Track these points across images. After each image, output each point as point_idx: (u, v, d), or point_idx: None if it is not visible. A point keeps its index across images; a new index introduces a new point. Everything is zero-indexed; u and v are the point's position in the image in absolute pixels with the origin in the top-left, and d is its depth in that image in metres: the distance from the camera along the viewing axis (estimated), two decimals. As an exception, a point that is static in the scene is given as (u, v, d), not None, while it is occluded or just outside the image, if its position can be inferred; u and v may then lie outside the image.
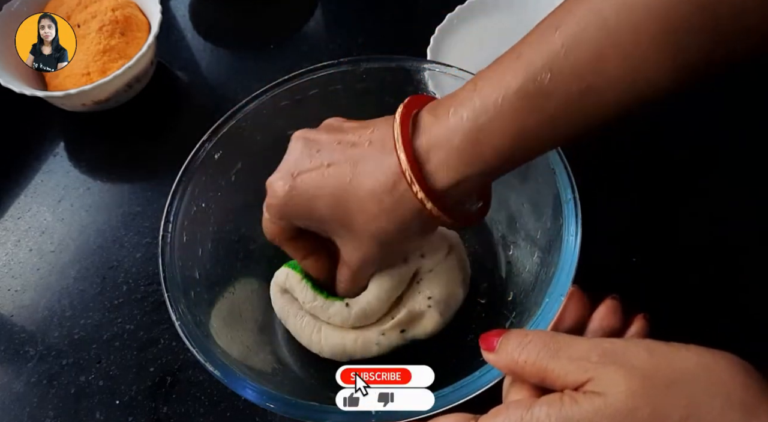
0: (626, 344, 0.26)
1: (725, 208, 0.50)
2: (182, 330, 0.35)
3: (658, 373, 0.24)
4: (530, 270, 0.40)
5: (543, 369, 0.26)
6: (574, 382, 0.25)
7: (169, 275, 0.37)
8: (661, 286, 0.47)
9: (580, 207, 0.36)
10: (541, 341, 0.27)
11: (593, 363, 0.25)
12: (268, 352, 0.42)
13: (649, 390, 0.24)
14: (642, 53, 0.26)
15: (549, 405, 0.25)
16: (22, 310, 0.51)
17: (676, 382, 0.24)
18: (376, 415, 0.32)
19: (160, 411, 0.45)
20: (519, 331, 0.28)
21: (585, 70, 0.27)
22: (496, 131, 0.29)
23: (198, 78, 0.64)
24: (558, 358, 0.26)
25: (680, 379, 0.24)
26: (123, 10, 0.59)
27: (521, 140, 0.29)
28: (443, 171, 0.31)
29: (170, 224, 0.38)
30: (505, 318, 0.40)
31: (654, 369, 0.24)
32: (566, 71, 0.27)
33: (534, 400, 0.26)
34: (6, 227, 0.55)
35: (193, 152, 0.40)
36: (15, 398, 0.46)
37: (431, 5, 0.59)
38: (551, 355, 0.26)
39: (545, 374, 0.26)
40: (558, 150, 0.37)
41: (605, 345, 0.26)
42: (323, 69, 0.43)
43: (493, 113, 0.29)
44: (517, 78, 0.28)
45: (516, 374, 0.28)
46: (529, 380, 0.27)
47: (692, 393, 0.24)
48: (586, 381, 0.25)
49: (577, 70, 0.27)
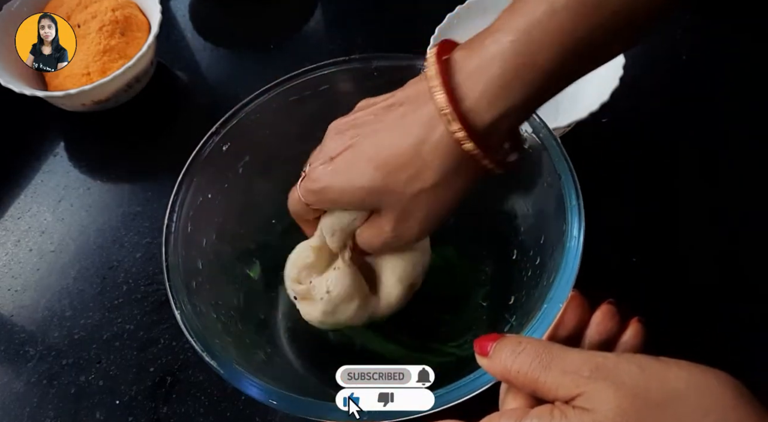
0: (618, 359, 0.25)
1: (725, 208, 0.50)
2: (182, 320, 0.34)
3: (649, 392, 0.24)
4: (532, 274, 0.40)
5: (534, 381, 0.26)
6: (565, 396, 0.25)
7: (171, 264, 0.37)
8: (661, 286, 0.47)
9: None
10: (534, 351, 0.26)
11: (585, 378, 0.25)
12: (269, 348, 0.42)
13: (639, 408, 0.24)
14: None
15: (539, 418, 0.25)
16: (22, 310, 0.51)
17: (666, 401, 0.24)
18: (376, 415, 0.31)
19: (160, 411, 0.45)
20: (513, 338, 0.28)
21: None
22: (545, 46, 0.28)
23: (198, 78, 0.64)
24: (550, 370, 0.26)
25: (671, 398, 0.24)
26: (123, 10, 0.59)
27: (571, 53, 0.28)
28: (484, 106, 0.29)
29: (175, 214, 0.38)
30: (506, 322, 0.40)
31: (645, 387, 0.24)
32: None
33: (526, 411, 0.26)
34: (6, 227, 0.55)
35: (200, 143, 0.40)
36: (15, 398, 0.46)
37: (431, 5, 0.59)
38: (543, 366, 0.26)
39: (536, 385, 0.26)
40: (565, 155, 0.37)
41: (598, 359, 0.25)
42: (334, 65, 0.42)
43: (539, 28, 0.28)
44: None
45: (509, 382, 0.28)
46: (521, 389, 0.27)
47: (682, 414, 0.23)
48: (577, 395, 0.25)
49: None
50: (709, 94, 0.57)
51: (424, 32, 0.54)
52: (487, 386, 0.31)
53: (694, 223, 0.50)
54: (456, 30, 0.56)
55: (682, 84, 0.58)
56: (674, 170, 0.53)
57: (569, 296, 0.32)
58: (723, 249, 0.48)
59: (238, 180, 0.43)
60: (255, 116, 0.42)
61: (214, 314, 0.38)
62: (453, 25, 0.55)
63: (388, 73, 0.43)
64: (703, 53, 0.59)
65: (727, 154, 0.54)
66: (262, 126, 0.43)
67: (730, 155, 0.53)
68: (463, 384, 0.31)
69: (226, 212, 0.43)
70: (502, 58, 0.28)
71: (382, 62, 0.43)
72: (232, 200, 0.43)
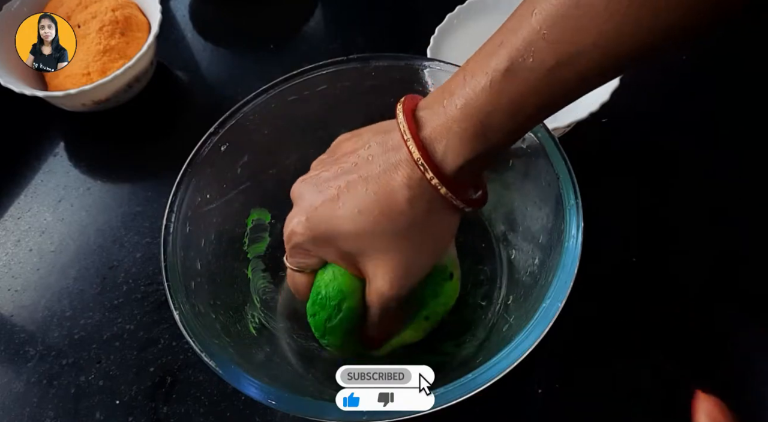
0: None
1: (725, 208, 0.50)
2: (180, 320, 0.34)
3: None
4: (530, 274, 0.40)
5: None
6: None
7: (170, 265, 0.37)
8: (661, 286, 0.47)
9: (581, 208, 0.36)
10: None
11: None
12: (268, 348, 0.42)
13: None
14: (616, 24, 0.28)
15: None
16: (22, 310, 0.51)
17: None
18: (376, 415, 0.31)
19: (160, 411, 0.45)
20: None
21: (564, 44, 0.29)
22: (491, 112, 0.31)
23: (198, 78, 0.64)
24: None
25: None
26: (123, 10, 0.59)
27: (514, 114, 0.31)
28: (450, 156, 0.33)
29: (174, 214, 0.38)
30: (505, 321, 0.40)
31: None
32: (547, 49, 0.29)
33: None
34: (6, 227, 0.55)
35: (199, 144, 0.40)
36: (15, 398, 0.46)
37: (431, 5, 0.59)
38: None
39: None
40: (563, 155, 0.37)
41: None
42: (332, 65, 0.43)
43: (484, 96, 0.31)
44: (501, 62, 0.30)
45: None
46: None
47: None
48: None
49: (556, 47, 0.29)
50: (709, 94, 0.57)
51: (424, 32, 0.54)
52: (486, 385, 0.31)
53: (693, 223, 0.50)
54: (456, 30, 0.56)
55: (682, 84, 0.58)
56: (674, 170, 0.53)
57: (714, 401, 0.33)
58: (723, 249, 0.48)
59: (237, 180, 0.43)
60: (254, 116, 0.42)
61: (213, 314, 0.38)
62: (453, 25, 0.55)
63: (387, 73, 0.43)
64: (703, 53, 0.59)
65: (727, 154, 0.54)
66: (260, 126, 0.43)
67: (730, 155, 0.53)
68: (463, 384, 0.31)
69: (225, 213, 0.43)
70: (460, 119, 0.32)
71: (381, 62, 0.43)
72: (230, 200, 0.43)
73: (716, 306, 0.46)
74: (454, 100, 0.32)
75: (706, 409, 0.32)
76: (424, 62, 0.43)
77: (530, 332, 0.32)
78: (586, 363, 0.44)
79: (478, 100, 0.31)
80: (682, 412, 0.42)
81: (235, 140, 0.42)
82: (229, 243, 0.44)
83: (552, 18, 0.29)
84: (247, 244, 0.45)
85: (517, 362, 0.31)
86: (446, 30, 0.55)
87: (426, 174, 0.33)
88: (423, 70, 0.43)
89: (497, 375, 0.31)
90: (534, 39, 0.29)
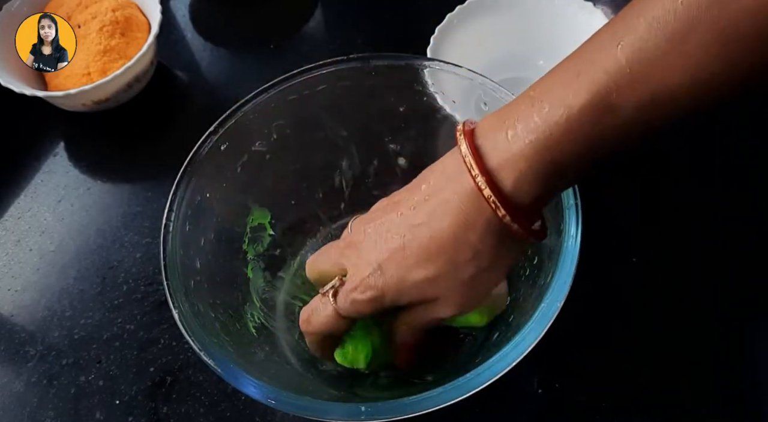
0: None
1: (725, 208, 0.50)
2: (180, 319, 0.34)
3: None
4: (529, 273, 0.40)
5: None
6: None
7: (169, 263, 0.37)
8: (661, 286, 0.47)
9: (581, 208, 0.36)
10: None
11: None
12: (267, 347, 0.42)
13: None
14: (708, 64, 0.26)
15: None
16: (22, 310, 0.51)
17: None
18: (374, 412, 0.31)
19: (160, 411, 0.45)
20: None
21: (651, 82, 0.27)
22: (564, 150, 0.29)
23: (198, 78, 0.64)
24: None
25: None
26: (123, 10, 0.59)
27: (592, 153, 0.29)
28: (520, 193, 0.31)
29: (173, 213, 0.38)
30: (504, 321, 0.40)
31: None
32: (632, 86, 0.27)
33: None
34: (6, 227, 0.55)
35: (199, 142, 0.40)
36: (15, 398, 0.46)
37: (431, 5, 0.59)
38: None
39: None
40: None
41: None
42: (333, 64, 0.43)
43: (559, 132, 0.29)
44: (580, 96, 0.28)
45: None
46: None
47: None
48: None
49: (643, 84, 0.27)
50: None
51: (424, 32, 0.54)
52: (485, 385, 0.31)
53: (693, 223, 0.50)
54: (456, 30, 0.56)
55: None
56: (674, 171, 0.53)
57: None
58: (723, 249, 0.48)
59: (237, 180, 0.43)
60: (253, 115, 0.42)
61: (213, 313, 0.38)
62: (453, 24, 0.55)
63: (387, 73, 0.43)
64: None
65: (727, 154, 0.54)
66: (260, 126, 0.43)
67: (730, 155, 0.53)
68: (463, 384, 0.31)
69: (225, 212, 0.43)
70: (525, 158, 0.29)
71: (381, 62, 0.43)
72: (230, 200, 0.43)
73: (716, 306, 0.46)
74: (520, 133, 0.30)
75: None
76: (424, 62, 0.43)
77: (529, 332, 0.32)
78: (586, 362, 0.44)
79: (552, 136, 0.29)
80: (682, 411, 0.42)
81: (235, 140, 0.42)
82: (229, 242, 0.44)
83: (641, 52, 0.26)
84: (246, 243, 0.45)
85: (516, 362, 0.31)
86: (446, 30, 0.55)
87: (498, 211, 0.31)
88: (423, 70, 0.43)
89: (497, 374, 0.31)
90: (619, 74, 0.27)
